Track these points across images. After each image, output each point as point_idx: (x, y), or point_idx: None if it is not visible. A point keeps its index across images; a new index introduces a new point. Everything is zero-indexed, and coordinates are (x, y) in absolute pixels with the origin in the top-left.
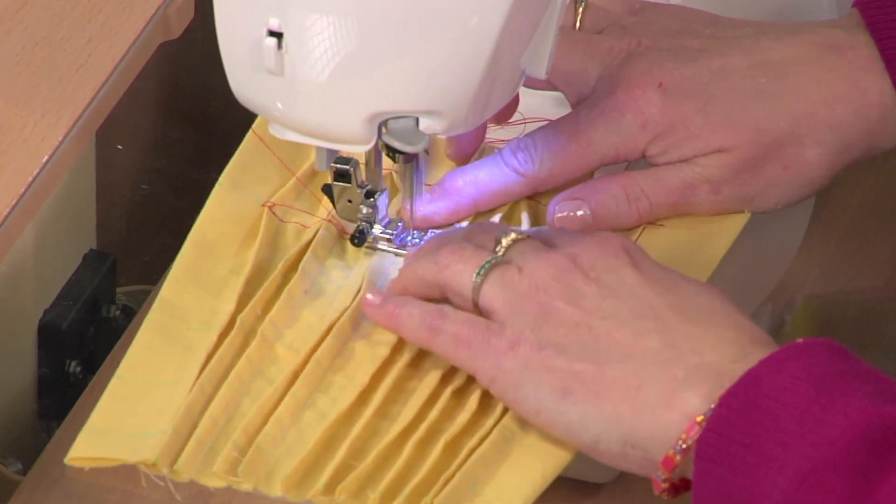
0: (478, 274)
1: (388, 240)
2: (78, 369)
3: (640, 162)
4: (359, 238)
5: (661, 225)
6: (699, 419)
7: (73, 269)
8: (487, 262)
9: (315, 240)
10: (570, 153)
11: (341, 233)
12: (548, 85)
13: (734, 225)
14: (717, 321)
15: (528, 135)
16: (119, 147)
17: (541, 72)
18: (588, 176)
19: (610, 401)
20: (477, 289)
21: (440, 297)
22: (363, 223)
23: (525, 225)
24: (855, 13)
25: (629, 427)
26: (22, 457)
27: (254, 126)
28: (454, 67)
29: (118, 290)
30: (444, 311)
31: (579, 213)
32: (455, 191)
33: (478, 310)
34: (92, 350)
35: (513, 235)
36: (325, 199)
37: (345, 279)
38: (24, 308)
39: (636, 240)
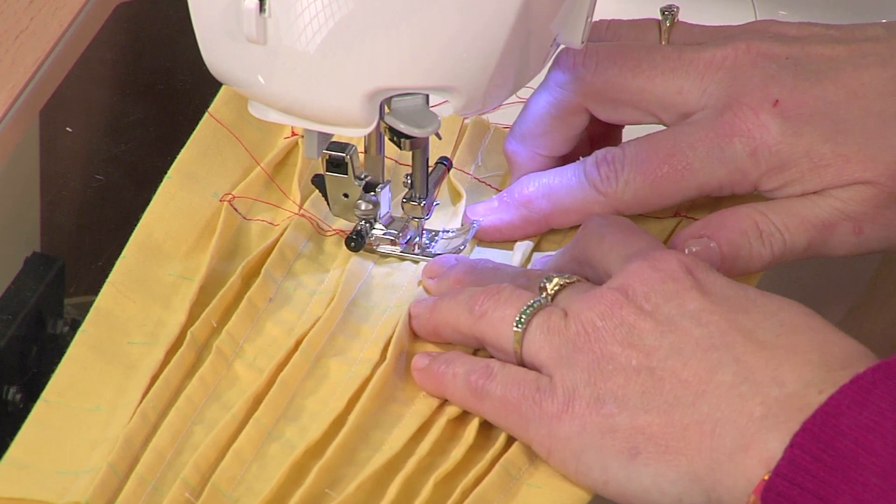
0: (518, 322)
1: (392, 241)
2: (18, 397)
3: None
4: (356, 241)
5: (694, 219)
6: (766, 477)
7: (13, 277)
8: (528, 305)
9: (283, 238)
10: (661, 177)
11: (317, 229)
12: (640, 115)
13: None
14: (802, 342)
15: (619, 146)
16: (68, 129)
17: (576, 40)
18: (678, 204)
19: (684, 454)
20: (519, 340)
21: (478, 347)
22: (361, 223)
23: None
24: None
25: (710, 482)
26: None
27: (210, 109)
28: (471, 34)
29: (66, 301)
30: (491, 370)
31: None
32: (526, 202)
33: (523, 365)
34: (35, 373)
35: (558, 280)
36: (295, 191)
37: (318, 284)
38: None
39: (670, 236)
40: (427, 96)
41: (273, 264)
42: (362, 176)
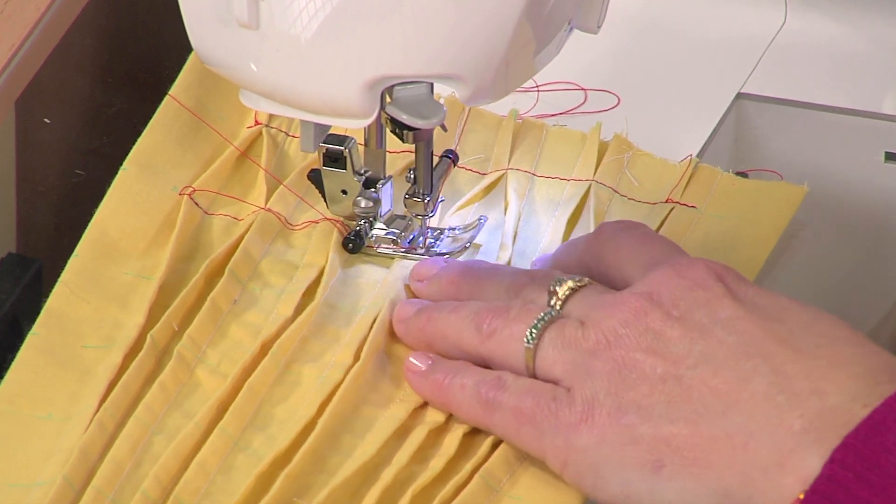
0: (530, 337)
1: (394, 241)
2: None
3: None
4: (355, 242)
5: (692, 206)
6: (802, 496)
7: None
8: (539, 319)
9: (248, 234)
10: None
11: (284, 224)
12: None
13: (788, 202)
14: (843, 353)
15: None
16: (46, 121)
17: (592, 26)
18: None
19: (713, 467)
20: (532, 356)
21: (481, 365)
22: (360, 222)
23: (514, 207)
24: None
25: (740, 498)
26: None
27: (172, 90)
28: (478, 19)
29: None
30: (504, 381)
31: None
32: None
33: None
34: None
35: (569, 284)
36: (261, 182)
37: (287, 283)
38: None
39: (661, 225)
40: (431, 85)
41: (237, 264)
42: (362, 171)
